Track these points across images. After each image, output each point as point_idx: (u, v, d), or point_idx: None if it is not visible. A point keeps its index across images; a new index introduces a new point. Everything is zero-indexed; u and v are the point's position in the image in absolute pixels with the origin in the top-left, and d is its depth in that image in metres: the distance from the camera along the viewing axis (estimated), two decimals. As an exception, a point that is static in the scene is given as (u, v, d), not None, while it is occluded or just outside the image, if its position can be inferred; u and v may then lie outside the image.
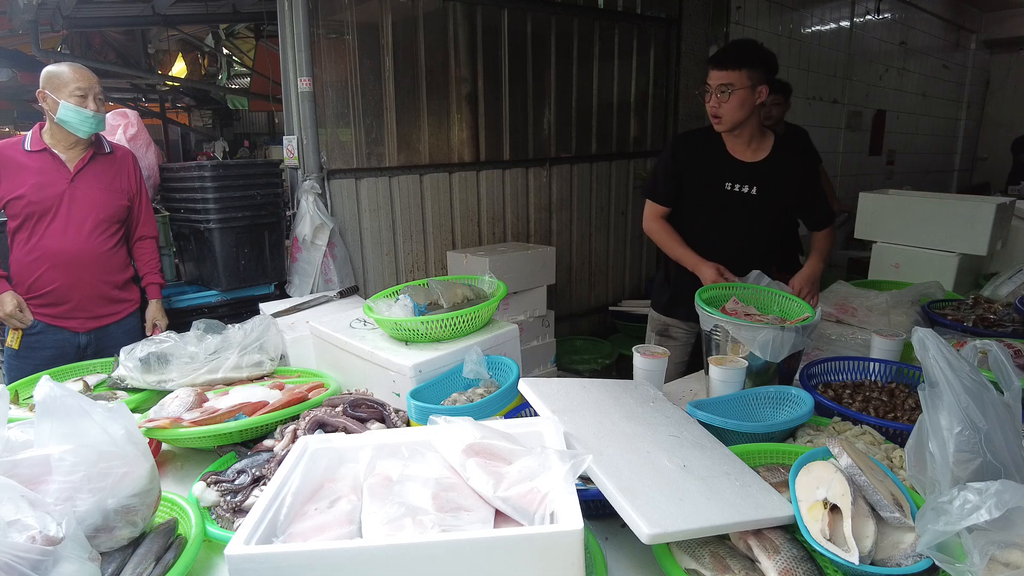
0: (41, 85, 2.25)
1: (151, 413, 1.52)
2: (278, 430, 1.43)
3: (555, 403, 1.27)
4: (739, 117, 2.10)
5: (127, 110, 2.98)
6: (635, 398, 1.44)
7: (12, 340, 2.33)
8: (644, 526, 0.94)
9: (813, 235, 2.34)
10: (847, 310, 2.29)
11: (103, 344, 2.42)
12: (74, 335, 2.40)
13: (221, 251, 2.88)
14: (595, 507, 1.14)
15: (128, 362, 1.74)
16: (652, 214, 2.34)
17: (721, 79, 2.08)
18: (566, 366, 4.16)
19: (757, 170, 2.19)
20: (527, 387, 1.34)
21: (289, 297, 3.06)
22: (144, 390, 1.74)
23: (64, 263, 2.32)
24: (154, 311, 2.56)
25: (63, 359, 2.19)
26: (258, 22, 5.21)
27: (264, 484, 1.24)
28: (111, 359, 1.86)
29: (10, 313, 2.28)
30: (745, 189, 2.19)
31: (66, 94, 2.22)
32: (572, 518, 0.85)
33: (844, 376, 1.74)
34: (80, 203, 2.32)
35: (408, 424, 1.47)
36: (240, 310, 2.99)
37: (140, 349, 1.76)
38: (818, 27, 5.85)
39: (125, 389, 1.75)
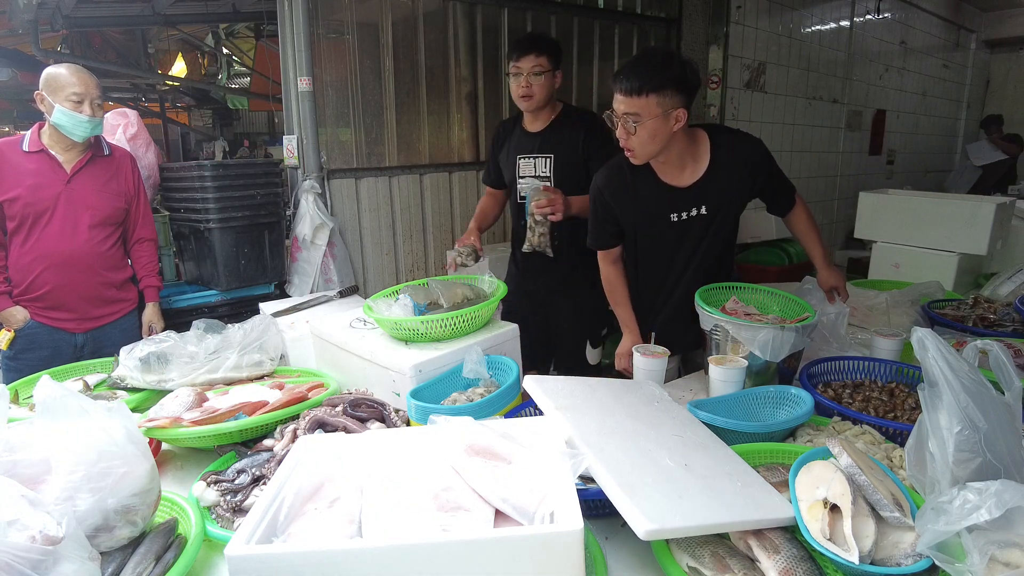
0: (40, 86, 2.25)
1: (151, 413, 1.52)
2: (278, 430, 1.43)
3: (560, 400, 1.27)
4: (653, 150, 1.79)
5: (127, 110, 2.97)
6: (639, 398, 1.44)
7: (2, 342, 2.34)
8: (642, 522, 0.94)
9: (792, 223, 2.10)
10: (847, 310, 2.29)
11: (100, 344, 2.42)
12: (71, 335, 2.40)
13: (221, 251, 2.88)
14: (595, 507, 1.14)
15: (128, 362, 1.74)
16: (602, 259, 2.12)
17: (626, 107, 1.72)
18: (566, 366, 4.15)
19: (702, 189, 1.91)
20: (533, 383, 1.34)
21: (289, 297, 3.06)
22: (144, 390, 1.73)
23: (60, 264, 2.32)
24: (150, 314, 2.56)
25: (60, 359, 2.19)
26: (258, 22, 5.21)
27: (264, 484, 1.24)
28: (111, 359, 1.86)
29: (22, 321, 2.32)
30: (693, 213, 1.93)
31: (62, 98, 2.21)
32: (572, 518, 0.85)
33: (844, 376, 1.74)
34: (76, 204, 2.32)
35: (408, 424, 1.47)
36: (240, 310, 3.00)
37: (140, 349, 1.76)
38: (818, 27, 5.85)
39: (125, 389, 1.75)
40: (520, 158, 2.50)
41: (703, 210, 1.93)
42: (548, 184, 2.39)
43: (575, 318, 2.59)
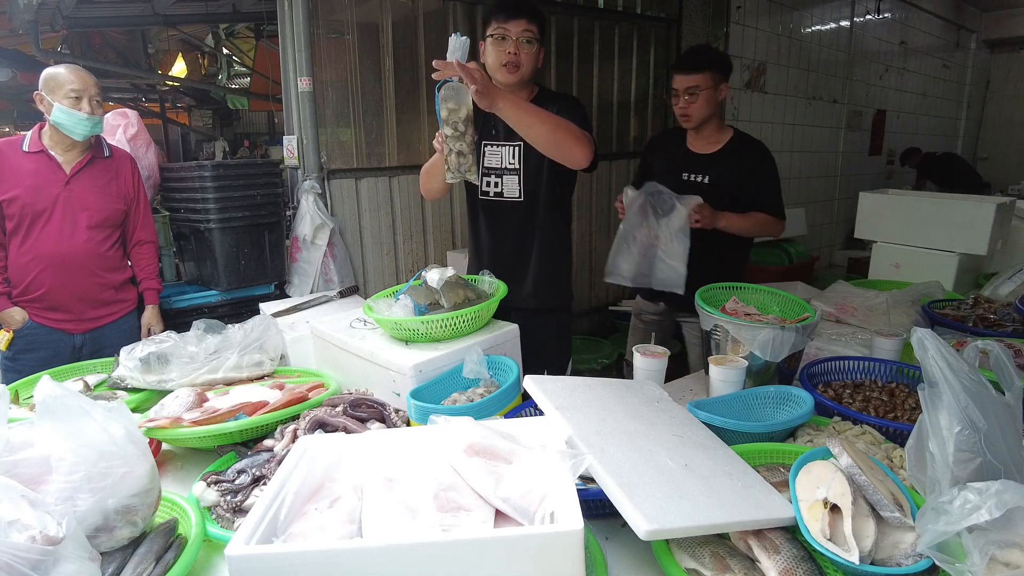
0: (39, 87, 2.25)
1: (151, 413, 1.52)
2: (278, 430, 1.43)
3: (559, 400, 1.27)
4: (704, 114, 2.35)
5: (127, 110, 2.98)
6: (640, 398, 1.44)
7: (1, 343, 2.33)
8: (642, 522, 0.94)
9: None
10: (847, 310, 2.29)
11: (99, 344, 2.42)
12: (69, 336, 2.40)
13: (221, 251, 2.88)
14: (595, 507, 1.14)
15: (128, 362, 1.74)
16: None
17: (688, 83, 2.32)
18: (566, 366, 4.15)
19: (710, 160, 2.39)
20: (532, 384, 1.34)
21: (289, 297, 3.06)
22: (144, 390, 1.73)
23: (58, 265, 2.31)
24: (150, 316, 2.55)
25: (58, 360, 2.19)
26: (258, 22, 5.22)
27: (264, 484, 1.24)
28: (111, 359, 1.86)
29: (20, 321, 2.32)
30: (698, 179, 2.39)
31: (60, 96, 2.21)
32: (572, 518, 0.85)
33: (844, 376, 1.74)
34: (75, 205, 2.32)
35: (408, 424, 1.47)
36: (240, 310, 3.00)
37: (140, 349, 1.76)
38: (818, 27, 5.85)
39: (125, 389, 1.75)
40: (486, 145, 2.12)
41: (706, 179, 2.38)
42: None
43: (540, 348, 2.05)
